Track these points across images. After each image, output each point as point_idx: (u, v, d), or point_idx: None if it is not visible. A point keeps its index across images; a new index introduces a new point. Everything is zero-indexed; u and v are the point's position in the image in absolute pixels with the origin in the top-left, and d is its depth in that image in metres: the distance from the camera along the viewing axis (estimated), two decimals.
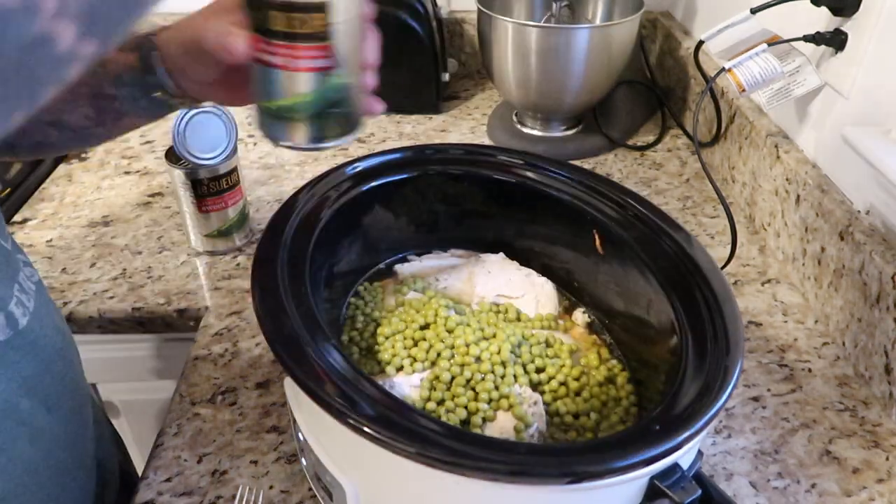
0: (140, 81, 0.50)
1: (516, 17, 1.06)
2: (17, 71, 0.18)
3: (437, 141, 1.04)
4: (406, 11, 1.00)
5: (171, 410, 0.61)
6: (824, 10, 0.68)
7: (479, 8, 0.96)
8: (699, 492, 0.39)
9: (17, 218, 0.87)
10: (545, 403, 0.52)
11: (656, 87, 1.12)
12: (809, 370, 0.65)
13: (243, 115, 1.11)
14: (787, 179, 0.76)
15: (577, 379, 0.54)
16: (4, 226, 0.48)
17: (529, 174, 0.61)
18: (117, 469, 0.64)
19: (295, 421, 0.48)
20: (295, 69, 0.43)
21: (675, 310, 0.49)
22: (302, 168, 0.97)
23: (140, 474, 0.56)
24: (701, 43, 0.82)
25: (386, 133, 1.06)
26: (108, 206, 0.88)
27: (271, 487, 0.54)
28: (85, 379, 0.58)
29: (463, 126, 1.08)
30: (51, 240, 0.82)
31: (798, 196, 0.73)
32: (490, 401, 0.50)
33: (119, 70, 0.50)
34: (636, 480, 0.38)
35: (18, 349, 0.45)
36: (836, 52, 0.69)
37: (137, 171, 0.96)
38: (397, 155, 0.61)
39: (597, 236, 0.58)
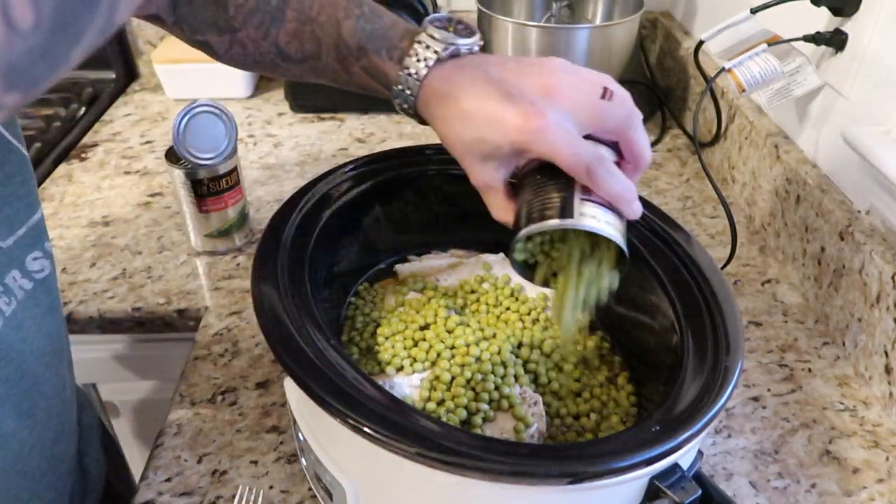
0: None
1: (516, 17, 1.06)
2: None
3: (436, 141, 1.04)
4: (406, 11, 1.00)
5: (171, 410, 0.61)
6: (824, 10, 0.68)
7: (479, 8, 0.96)
8: (699, 492, 0.39)
9: None
10: (545, 404, 0.52)
11: (656, 87, 1.12)
12: (809, 370, 0.65)
13: (243, 116, 1.11)
14: (787, 179, 0.76)
15: (577, 379, 0.54)
16: (10, 223, 0.46)
17: None
18: (102, 480, 0.64)
19: (295, 421, 0.48)
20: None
21: (675, 310, 0.49)
22: (302, 168, 0.97)
23: (139, 477, 0.56)
24: (701, 43, 0.82)
25: (386, 133, 1.06)
26: (108, 206, 0.88)
27: (271, 487, 0.54)
28: (72, 384, 0.56)
29: None
30: (51, 240, 0.82)
31: (798, 196, 0.73)
32: (490, 401, 0.50)
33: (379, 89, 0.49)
34: (636, 480, 0.38)
35: None
36: (836, 52, 0.69)
37: (137, 171, 0.96)
38: (397, 155, 0.61)
39: None
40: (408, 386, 0.52)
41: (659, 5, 1.19)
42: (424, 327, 0.56)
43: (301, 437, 0.48)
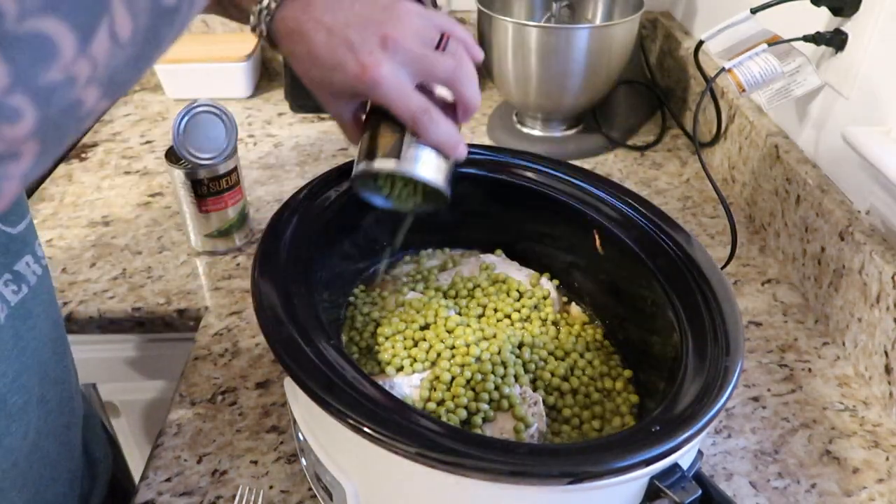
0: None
1: (516, 17, 1.06)
2: (55, 130, 0.21)
3: None
4: None
5: (171, 410, 0.61)
6: (824, 10, 0.68)
7: (479, 8, 0.96)
8: (699, 492, 0.39)
9: None
10: (545, 404, 0.52)
11: (656, 87, 1.12)
12: (809, 370, 0.65)
13: (243, 116, 1.11)
14: (787, 179, 0.76)
15: (577, 379, 0.54)
16: (21, 208, 0.47)
17: (529, 174, 0.61)
18: (108, 469, 0.64)
19: (295, 421, 0.48)
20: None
21: (675, 310, 0.49)
22: (302, 168, 0.97)
23: (140, 476, 0.56)
24: (701, 43, 0.82)
25: None
26: (108, 206, 0.88)
27: (271, 487, 0.54)
28: (74, 371, 0.57)
29: (463, 126, 1.08)
30: (51, 240, 0.82)
31: (798, 196, 0.73)
32: (490, 401, 0.50)
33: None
34: (636, 480, 0.38)
35: (4, 343, 0.45)
36: (836, 52, 0.69)
37: (137, 171, 0.96)
38: None
39: (597, 236, 0.58)
40: (408, 386, 0.52)
41: (659, 5, 1.19)
42: (424, 327, 0.56)
43: (301, 437, 0.48)
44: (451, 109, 0.49)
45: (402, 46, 0.45)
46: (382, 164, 0.47)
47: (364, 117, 0.51)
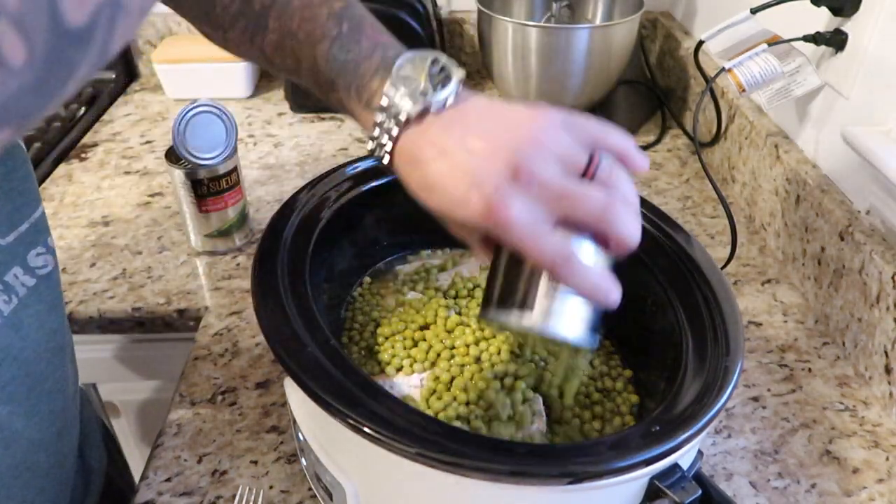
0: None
1: (516, 17, 1.06)
2: None
3: None
4: (406, 11, 1.00)
5: (171, 410, 0.61)
6: (824, 10, 0.68)
7: (479, 8, 0.96)
8: (699, 492, 0.39)
9: None
10: (545, 404, 0.52)
11: (656, 87, 1.12)
12: (809, 370, 0.65)
13: (243, 116, 1.11)
14: (787, 179, 0.76)
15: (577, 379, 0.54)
16: (12, 220, 0.46)
17: None
18: (103, 475, 0.64)
19: (295, 421, 0.48)
20: None
21: (675, 310, 0.49)
22: (302, 168, 0.97)
23: (139, 477, 0.56)
24: (701, 43, 0.82)
25: None
26: (108, 206, 0.88)
27: (271, 487, 0.54)
28: (75, 379, 0.56)
29: None
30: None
31: (798, 196, 0.73)
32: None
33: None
34: (636, 481, 0.38)
35: None
36: (836, 52, 0.69)
37: (137, 171, 0.96)
38: None
39: None
40: (408, 386, 0.52)
41: (659, 5, 1.19)
42: (424, 327, 0.56)
43: (301, 437, 0.48)
44: (604, 238, 0.40)
45: (537, 178, 0.36)
46: (512, 317, 0.40)
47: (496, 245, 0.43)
